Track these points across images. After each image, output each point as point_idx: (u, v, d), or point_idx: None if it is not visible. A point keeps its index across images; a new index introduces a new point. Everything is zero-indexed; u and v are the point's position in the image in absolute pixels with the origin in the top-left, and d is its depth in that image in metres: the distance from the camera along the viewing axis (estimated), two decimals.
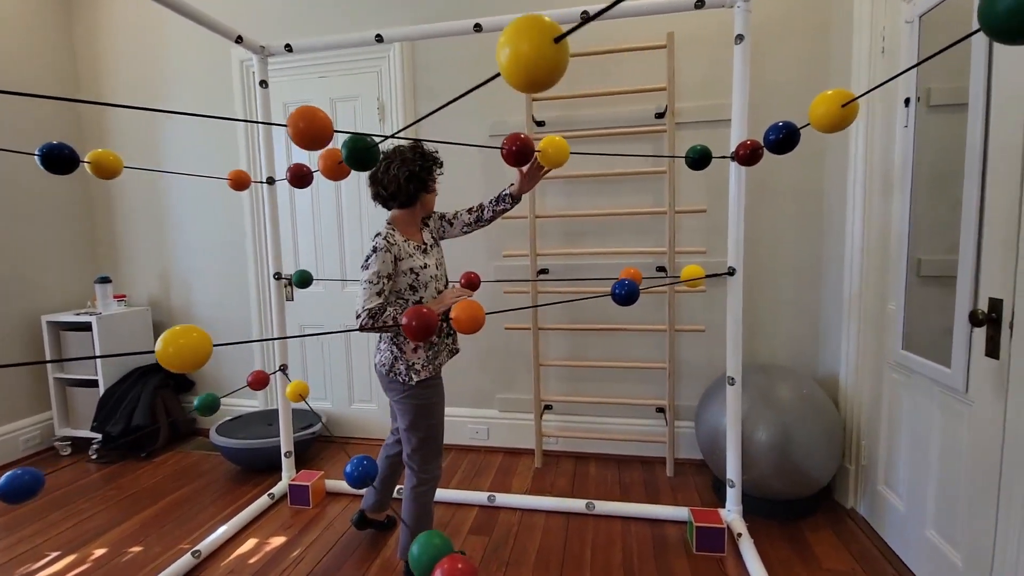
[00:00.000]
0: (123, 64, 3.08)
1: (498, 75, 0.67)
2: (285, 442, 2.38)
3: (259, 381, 2.05)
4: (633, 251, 2.39)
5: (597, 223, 2.57)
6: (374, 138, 1.12)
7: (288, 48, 2.18)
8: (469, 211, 1.80)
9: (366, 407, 3.00)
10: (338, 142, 2.88)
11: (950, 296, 1.53)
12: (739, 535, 1.89)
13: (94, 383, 2.93)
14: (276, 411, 3.01)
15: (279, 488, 2.35)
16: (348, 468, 1.23)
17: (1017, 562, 1.26)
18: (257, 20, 2.85)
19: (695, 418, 2.37)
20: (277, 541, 2.05)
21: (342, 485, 2.39)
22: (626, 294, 1.54)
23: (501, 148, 1.32)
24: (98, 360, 2.85)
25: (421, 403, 1.64)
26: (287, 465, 2.39)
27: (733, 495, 1.98)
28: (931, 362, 1.63)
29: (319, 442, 3.00)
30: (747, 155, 1.70)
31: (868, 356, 2.04)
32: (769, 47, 2.33)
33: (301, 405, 3.02)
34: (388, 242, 1.56)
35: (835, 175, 2.25)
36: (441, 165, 1.69)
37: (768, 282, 2.46)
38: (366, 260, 1.55)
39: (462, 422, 2.84)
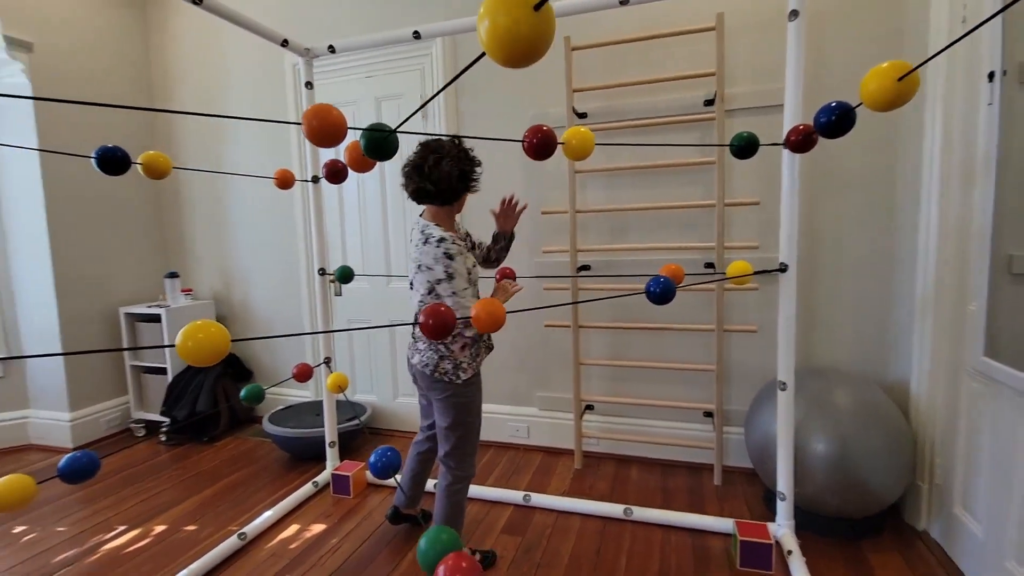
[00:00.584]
0: (190, 70, 3.28)
1: (483, 55, 0.63)
2: (329, 432, 2.46)
3: (303, 373, 2.12)
4: (680, 246, 2.27)
5: (642, 217, 2.47)
6: (391, 129, 1.11)
7: (331, 49, 2.23)
8: (486, 248, 1.84)
9: (410, 401, 3.05)
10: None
11: None
12: (789, 552, 1.75)
13: (163, 371, 3.15)
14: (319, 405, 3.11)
15: (323, 477, 2.43)
16: (372, 459, 1.24)
17: None
18: (305, 25, 2.95)
19: (745, 424, 2.22)
20: (317, 528, 2.11)
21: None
22: (661, 292, 1.46)
23: (522, 141, 1.28)
24: (167, 349, 3.07)
25: (465, 401, 1.64)
26: (331, 455, 2.47)
27: (784, 509, 1.84)
28: (1017, 371, 1.43)
29: (364, 434, 3.08)
30: (799, 141, 1.56)
31: (944, 363, 1.83)
32: (832, 25, 2.14)
33: (348, 397, 3.11)
34: (459, 244, 1.57)
35: (909, 161, 2.03)
36: (480, 165, 1.66)
37: (831, 279, 2.26)
38: (447, 268, 1.53)
39: (502, 419, 2.83)
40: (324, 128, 1.02)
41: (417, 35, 2.08)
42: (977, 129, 1.64)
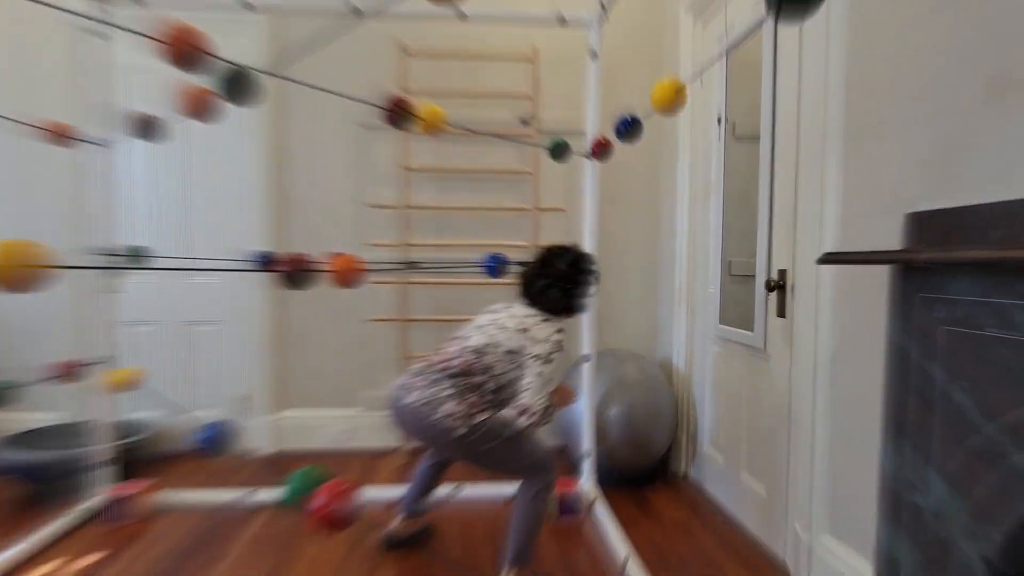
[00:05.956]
0: None
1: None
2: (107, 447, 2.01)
3: (69, 370, 1.75)
4: (499, 244, 2.52)
5: (466, 217, 2.67)
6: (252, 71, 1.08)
7: None
8: None
9: (204, 415, 2.67)
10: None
11: (752, 289, 1.89)
12: (594, 499, 2.05)
13: None
14: (86, 423, 2.52)
15: (90, 505, 1.97)
16: (202, 434, 1.11)
17: (810, 479, 1.57)
18: None
19: None
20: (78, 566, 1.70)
21: (181, 497, 2.08)
22: (498, 265, 1.64)
23: (383, 107, 1.35)
24: None
25: (501, 439, 1.49)
26: (105, 476, 2.02)
27: (588, 465, 2.14)
28: (740, 329, 1.98)
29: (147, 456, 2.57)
30: (600, 150, 1.94)
31: (695, 337, 2.40)
32: (620, 72, 2.69)
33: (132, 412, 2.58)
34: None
35: (667, 185, 2.64)
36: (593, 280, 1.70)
37: (617, 281, 2.76)
38: (550, 354, 1.51)
39: (324, 423, 2.67)
40: (185, 46, 0.96)
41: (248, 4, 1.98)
42: (711, 160, 2.25)
